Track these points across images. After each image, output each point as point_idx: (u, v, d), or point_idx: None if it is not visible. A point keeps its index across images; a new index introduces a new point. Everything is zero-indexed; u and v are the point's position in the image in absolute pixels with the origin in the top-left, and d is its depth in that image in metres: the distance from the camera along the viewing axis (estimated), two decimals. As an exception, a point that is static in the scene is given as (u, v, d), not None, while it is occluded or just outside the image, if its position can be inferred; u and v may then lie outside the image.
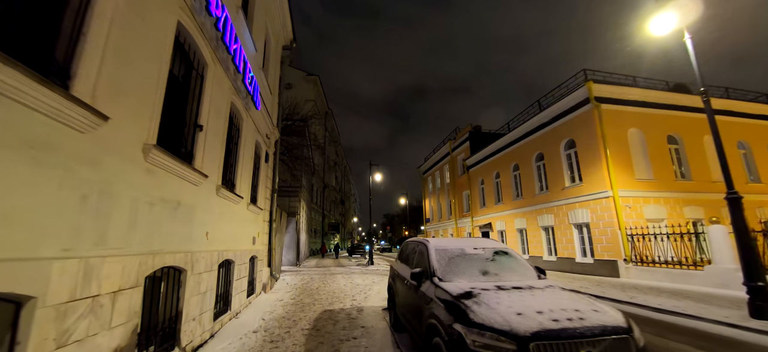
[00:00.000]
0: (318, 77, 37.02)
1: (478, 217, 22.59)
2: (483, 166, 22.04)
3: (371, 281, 11.72)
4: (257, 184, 9.01)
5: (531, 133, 16.86)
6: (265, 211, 9.63)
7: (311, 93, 34.86)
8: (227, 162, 6.12)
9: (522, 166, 17.70)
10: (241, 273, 6.98)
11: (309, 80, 35.57)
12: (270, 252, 9.96)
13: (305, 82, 35.00)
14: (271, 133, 10.06)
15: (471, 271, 4.03)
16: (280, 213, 11.53)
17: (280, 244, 12.14)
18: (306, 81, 34.92)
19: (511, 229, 18.41)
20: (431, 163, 32.79)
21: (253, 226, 8.30)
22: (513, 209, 18.23)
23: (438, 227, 30.51)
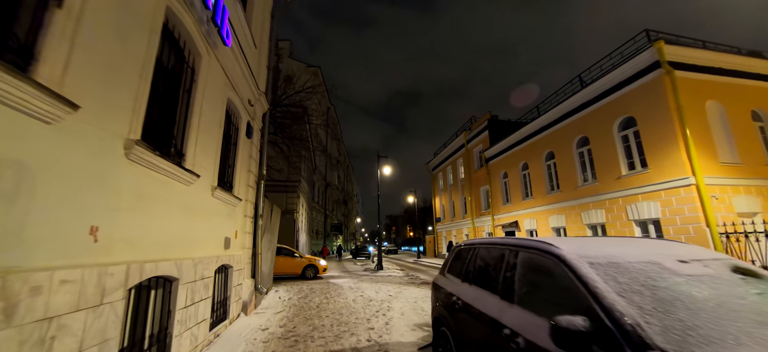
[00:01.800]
0: (319, 68, 34.56)
1: (500, 215, 19.95)
2: (506, 158, 19.41)
3: (387, 294, 9.12)
4: (233, 164, 6.46)
5: (570, 114, 14.24)
6: (247, 203, 7.08)
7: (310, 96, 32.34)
8: (159, 106, 3.57)
9: (558, 154, 15.07)
10: (199, 294, 4.42)
11: (309, 71, 33.10)
12: (255, 258, 7.40)
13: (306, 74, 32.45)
14: (255, 100, 7.51)
15: (745, 333, 1.43)
16: (271, 208, 8.97)
17: (272, 247, 9.57)
18: (306, 73, 32.38)
19: (545, 228, 15.76)
20: (442, 158, 30.17)
21: (225, 222, 5.75)
22: (547, 205, 15.59)
23: (450, 227, 27.86)
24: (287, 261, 12.85)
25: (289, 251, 13.30)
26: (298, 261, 12.93)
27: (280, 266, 12.46)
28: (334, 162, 44.05)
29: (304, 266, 12.88)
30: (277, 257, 12.51)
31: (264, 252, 8.29)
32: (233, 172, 6.43)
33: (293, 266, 12.82)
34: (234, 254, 6.20)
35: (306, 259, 13.09)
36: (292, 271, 12.84)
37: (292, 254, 13.17)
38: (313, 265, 12.95)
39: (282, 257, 12.75)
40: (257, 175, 7.89)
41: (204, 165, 4.63)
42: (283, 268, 12.72)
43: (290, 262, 12.87)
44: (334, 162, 44.05)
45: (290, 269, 12.83)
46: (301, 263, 12.94)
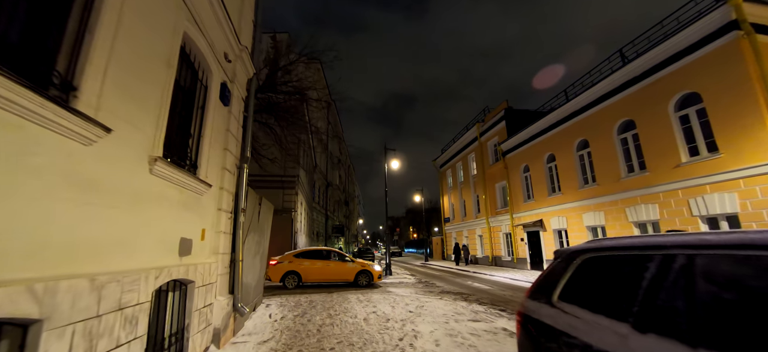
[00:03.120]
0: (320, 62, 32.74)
1: (521, 213, 18.01)
2: (527, 150, 17.49)
3: (405, 310, 7.20)
4: (199, 135, 4.59)
5: (609, 96, 12.34)
6: (224, 192, 5.20)
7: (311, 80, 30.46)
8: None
9: (594, 142, 13.16)
10: (110, 335, 2.52)
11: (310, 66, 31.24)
12: (234, 267, 5.50)
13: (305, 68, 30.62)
14: (235, 56, 5.64)
15: None
16: (258, 201, 7.08)
17: (261, 251, 7.68)
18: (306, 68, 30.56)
19: (577, 227, 13.83)
20: (451, 154, 28.26)
21: (182, 216, 3.88)
22: (580, 201, 13.66)
23: (461, 227, 25.92)
24: (337, 267, 11.14)
25: (337, 255, 11.59)
26: (350, 267, 11.20)
27: (329, 272, 11.04)
28: (335, 161, 42.22)
29: (356, 272, 11.13)
30: (325, 261, 11.15)
31: (248, 258, 6.40)
32: (198, 146, 4.55)
33: (344, 273, 11.10)
34: (199, 262, 4.31)
35: (358, 264, 11.31)
36: (343, 278, 11.12)
37: (343, 258, 11.42)
38: (367, 271, 11.15)
39: (333, 262, 11.24)
40: (239, 157, 6.02)
41: (128, 115, 2.75)
42: (333, 275, 11.07)
43: (340, 268, 11.14)
44: (335, 161, 42.22)
45: (340, 276, 11.10)
46: (353, 268, 11.18)
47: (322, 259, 11.20)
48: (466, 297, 9.46)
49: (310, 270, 10.85)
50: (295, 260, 10.86)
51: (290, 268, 10.71)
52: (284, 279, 10.68)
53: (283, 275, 10.66)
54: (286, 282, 10.68)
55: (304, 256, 11.08)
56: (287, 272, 10.68)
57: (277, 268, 10.72)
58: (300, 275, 10.73)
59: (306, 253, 11.22)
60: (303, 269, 10.79)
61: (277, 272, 10.69)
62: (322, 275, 10.95)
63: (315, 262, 10.98)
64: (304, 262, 10.90)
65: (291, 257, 10.98)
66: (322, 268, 10.98)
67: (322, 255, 11.34)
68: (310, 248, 11.85)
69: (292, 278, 10.72)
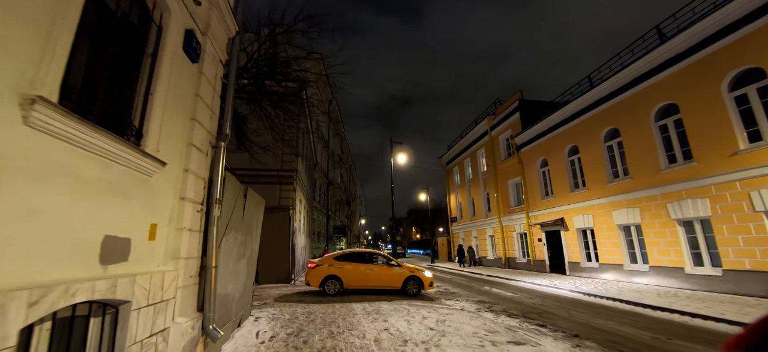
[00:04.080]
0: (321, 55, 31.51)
1: (538, 211, 16.62)
2: (545, 143, 16.11)
3: (424, 326, 5.86)
4: (145, 90, 3.28)
5: (646, 77, 10.97)
6: (189, 176, 3.88)
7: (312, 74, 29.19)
8: None
9: (626, 131, 11.78)
10: None
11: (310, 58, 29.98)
12: (204, 276, 4.18)
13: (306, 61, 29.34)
14: (209, 0, 4.33)
15: None
16: (243, 193, 5.73)
17: (248, 254, 6.34)
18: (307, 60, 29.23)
19: (606, 225, 12.44)
20: (458, 150, 26.89)
21: (117, 204, 2.63)
22: (610, 196, 12.28)
23: (469, 227, 24.53)
24: (383, 272, 9.89)
25: (382, 258, 10.40)
26: (397, 272, 9.86)
27: (374, 277, 9.82)
28: (336, 159, 40.98)
29: (405, 279, 9.76)
30: (369, 265, 9.95)
31: (229, 263, 5.06)
32: (146, 107, 3.24)
33: (390, 279, 9.82)
34: (142, 272, 2.99)
35: (407, 269, 9.92)
36: (389, 284, 9.85)
37: (388, 262, 10.15)
38: (416, 277, 9.77)
39: (378, 266, 10.00)
40: (215, 134, 4.70)
41: None
42: (378, 280, 9.83)
43: (386, 273, 9.87)
44: (336, 159, 40.98)
45: (386, 282, 9.83)
46: (401, 274, 9.82)
47: (365, 262, 10.02)
48: (490, 307, 8.12)
49: (352, 275, 9.72)
50: (335, 264, 9.81)
51: (331, 272, 9.64)
52: (324, 284, 9.62)
53: (323, 280, 9.61)
54: (326, 287, 9.61)
55: (345, 259, 10.02)
56: (328, 276, 9.62)
57: (316, 272, 9.69)
58: (341, 279, 9.65)
59: (348, 255, 10.15)
60: (345, 274, 9.69)
61: (317, 276, 9.64)
62: (366, 280, 9.75)
63: (358, 266, 9.83)
64: (346, 265, 9.80)
65: (331, 259, 9.96)
66: (366, 273, 9.79)
67: (365, 258, 10.16)
68: (351, 250, 10.59)
69: (333, 283, 9.62)
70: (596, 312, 7.39)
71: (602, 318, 6.80)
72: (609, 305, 8.27)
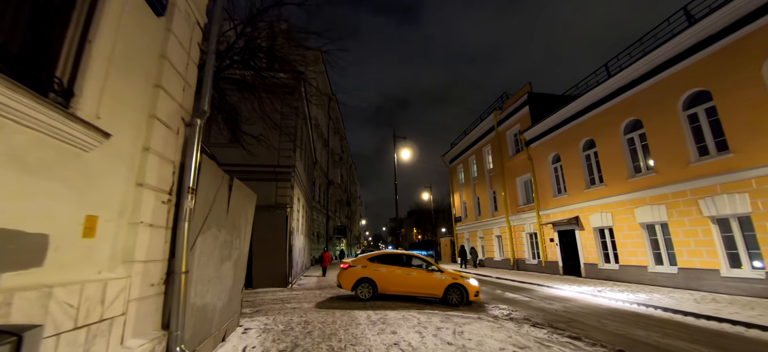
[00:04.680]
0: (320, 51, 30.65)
1: (549, 209, 15.75)
2: (558, 137, 15.25)
3: (443, 345, 4.98)
4: (85, 40, 2.42)
5: (673, 63, 10.11)
6: (151, 157, 3.00)
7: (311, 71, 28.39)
8: None
9: (649, 122, 10.92)
10: None
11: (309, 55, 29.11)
12: (171, 282, 3.31)
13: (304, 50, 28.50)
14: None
15: None
16: (228, 184, 4.86)
17: (235, 257, 5.46)
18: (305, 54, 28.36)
19: (627, 224, 11.57)
20: (463, 148, 26.02)
21: (27, 183, 1.68)
22: (631, 192, 11.41)
23: (475, 227, 23.65)
24: (422, 277, 8.76)
25: (421, 262, 9.16)
26: (438, 278, 8.64)
27: (411, 283, 8.74)
28: (336, 158, 40.15)
29: (446, 286, 8.54)
30: (406, 269, 8.86)
31: (208, 266, 4.19)
32: (79, 58, 2.39)
33: (430, 285, 8.66)
34: (67, 282, 2.12)
35: (449, 275, 8.66)
36: (428, 291, 8.68)
37: (427, 267, 8.97)
38: (459, 286, 8.52)
39: (416, 270, 8.85)
40: (190, 109, 3.86)
41: None
42: (416, 286, 8.75)
43: (425, 278, 8.72)
44: (336, 158, 40.15)
45: (425, 289, 8.70)
46: (442, 281, 8.60)
47: (402, 265, 9.04)
48: (509, 314, 7.25)
49: (388, 278, 8.80)
50: (369, 265, 8.96)
51: (364, 274, 8.81)
52: (357, 287, 8.79)
53: (356, 283, 8.79)
54: (358, 291, 8.78)
55: (380, 260, 9.12)
56: (360, 279, 8.79)
57: (348, 273, 8.89)
58: (375, 283, 8.76)
59: (383, 257, 9.24)
60: (379, 277, 8.80)
61: (349, 278, 8.84)
62: (403, 285, 8.77)
63: (393, 268, 8.90)
64: (381, 268, 8.90)
65: (365, 260, 9.11)
66: (403, 277, 8.81)
67: (401, 261, 9.16)
68: (387, 251, 9.62)
69: (366, 287, 8.77)
70: (631, 321, 6.52)
71: (641, 328, 5.94)
72: (643, 312, 7.39)
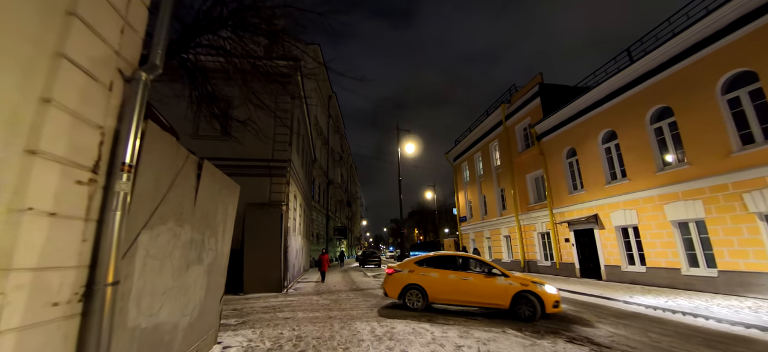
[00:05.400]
0: (319, 47, 29.74)
1: (564, 207, 14.70)
2: (573, 129, 14.22)
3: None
4: None
5: (709, 42, 9.08)
6: (57, 114, 1.90)
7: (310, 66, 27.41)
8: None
9: (682, 109, 9.88)
10: None
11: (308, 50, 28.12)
12: (93, 300, 2.27)
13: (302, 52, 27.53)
14: None
15: None
16: (190, 166, 3.82)
17: (209, 262, 4.41)
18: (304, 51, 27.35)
19: (656, 222, 10.52)
20: (467, 145, 24.97)
21: None
22: (661, 187, 10.36)
23: (482, 227, 22.60)
24: (482, 284, 7.10)
25: (480, 265, 7.55)
26: (502, 285, 6.88)
27: (469, 290, 7.14)
28: (336, 157, 39.17)
29: (514, 295, 6.73)
30: (461, 273, 7.33)
31: (164, 274, 3.14)
32: None
33: (492, 293, 6.95)
34: None
35: (517, 281, 6.83)
36: (491, 301, 6.98)
37: (488, 271, 7.30)
38: (531, 294, 6.62)
39: (474, 274, 7.25)
40: (132, 61, 2.81)
41: None
42: (475, 295, 7.11)
43: (487, 286, 7.05)
44: (336, 157, 39.17)
45: (487, 298, 7.01)
46: (508, 288, 6.80)
47: (456, 269, 7.58)
48: (537, 326, 6.21)
49: (440, 285, 7.44)
50: (417, 270, 7.74)
51: (411, 280, 7.61)
52: (404, 295, 7.63)
53: (403, 290, 7.64)
54: (407, 300, 7.59)
55: (430, 263, 7.84)
56: (408, 285, 7.61)
57: (394, 279, 7.80)
58: (425, 291, 7.48)
59: (432, 260, 7.93)
60: (430, 284, 7.50)
61: (395, 284, 7.74)
62: (459, 293, 7.24)
63: (446, 273, 7.49)
64: (431, 272, 7.62)
65: (411, 264, 7.91)
66: (458, 283, 7.28)
67: (455, 264, 7.69)
68: (438, 253, 8.23)
69: (414, 295, 7.56)
70: (712, 341, 5.48)
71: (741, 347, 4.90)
72: (721, 329, 6.34)
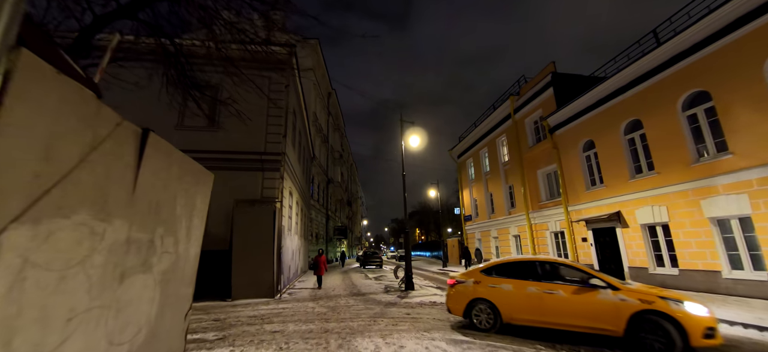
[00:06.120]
0: (318, 41, 28.77)
1: (581, 204, 13.64)
2: (591, 120, 13.16)
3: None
4: None
5: (761, 12, 8.02)
6: None
7: (309, 61, 26.51)
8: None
9: (720, 93, 8.82)
10: None
11: (307, 44, 27.28)
12: None
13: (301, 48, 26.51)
14: None
15: None
16: (131, 137, 2.78)
17: (166, 268, 3.37)
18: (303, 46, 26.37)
19: (690, 219, 9.47)
20: (473, 141, 23.92)
21: None
22: (696, 180, 9.31)
23: (488, 226, 21.55)
24: (580, 300, 5.11)
25: (571, 272, 5.54)
26: (610, 303, 4.85)
27: (558, 308, 5.21)
28: (336, 156, 38.18)
29: (630, 316, 4.66)
30: (547, 284, 5.37)
31: (66, 292, 2.09)
32: None
33: (594, 314, 4.96)
34: None
35: (634, 294, 4.78)
36: (592, 325, 4.97)
37: (587, 281, 5.19)
38: (661, 317, 4.47)
39: (565, 287, 5.26)
40: None
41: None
42: (570, 315, 5.13)
43: (584, 302, 5.06)
44: (336, 156, 38.18)
45: (587, 321, 5.01)
46: (620, 307, 4.77)
47: (537, 279, 5.59)
48: (575, 343, 5.14)
49: (515, 300, 5.60)
50: (484, 280, 6.05)
51: (477, 294, 5.98)
52: (470, 312, 6.03)
53: (468, 305, 6.05)
54: (474, 317, 5.98)
55: (501, 272, 6.05)
56: (474, 300, 6.01)
57: (458, 293, 6.26)
58: (497, 307, 5.74)
59: (504, 267, 6.09)
60: (502, 298, 5.74)
61: (459, 299, 6.20)
62: (543, 312, 5.32)
63: (523, 284, 5.62)
64: (502, 283, 5.83)
65: (477, 273, 6.24)
66: (540, 298, 5.37)
67: (536, 272, 5.68)
68: (513, 258, 6.29)
69: (484, 313, 5.89)
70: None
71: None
72: None
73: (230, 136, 10.54)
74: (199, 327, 6.16)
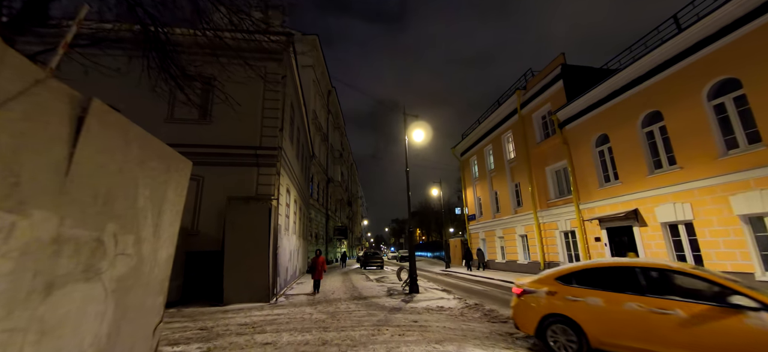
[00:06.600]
0: (317, 37, 28.09)
1: (594, 202, 12.95)
2: (604, 113, 12.47)
3: None
4: None
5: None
6: None
7: (308, 58, 25.80)
8: None
9: (752, 80, 8.13)
10: None
11: (306, 40, 26.57)
12: None
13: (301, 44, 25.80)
14: None
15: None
16: (65, 106, 2.13)
17: (119, 275, 2.71)
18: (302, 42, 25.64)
19: (718, 216, 8.78)
20: (476, 138, 23.23)
21: None
22: (725, 175, 8.62)
23: (493, 225, 20.85)
24: (701, 327, 3.47)
25: (694, 281, 3.82)
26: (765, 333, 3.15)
27: (673, 339, 3.59)
28: (336, 155, 37.47)
29: None
30: (661, 301, 3.79)
31: None
32: None
33: (744, 348, 3.23)
34: None
35: None
36: None
37: (722, 298, 3.49)
38: None
39: (690, 306, 3.60)
40: None
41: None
42: (682, 345, 3.54)
43: (717, 332, 3.37)
44: (336, 155, 37.47)
45: None
46: None
47: (639, 291, 4.04)
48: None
49: (608, 320, 4.14)
50: (563, 291, 4.63)
51: (555, 308, 4.58)
52: (544, 332, 4.64)
53: (541, 322, 4.66)
54: (549, 338, 4.59)
55: (586, 280, 4.58)
56: (547, 315, 4.62)
57: (525, 305, 4.93)
58: (582, 328, 4.26)
59: (588, 274, 4.63)
60: (588, 315, 4.29)
61: (528, 314, 4.85)
62: (651, 338, 3.77)
63: (618, 298, 4.13)
64: (589, 296, 4.38)
65: (551, 280, 4.85)
66: (646, 319, 3.83)
67: (637, 282, 4.13)
68: (602, 262, 4.70)
69: (561, 332, 4.47)
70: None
71: None
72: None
73: (223, 130, 9.90)
74: (182, 338, 5.48)
